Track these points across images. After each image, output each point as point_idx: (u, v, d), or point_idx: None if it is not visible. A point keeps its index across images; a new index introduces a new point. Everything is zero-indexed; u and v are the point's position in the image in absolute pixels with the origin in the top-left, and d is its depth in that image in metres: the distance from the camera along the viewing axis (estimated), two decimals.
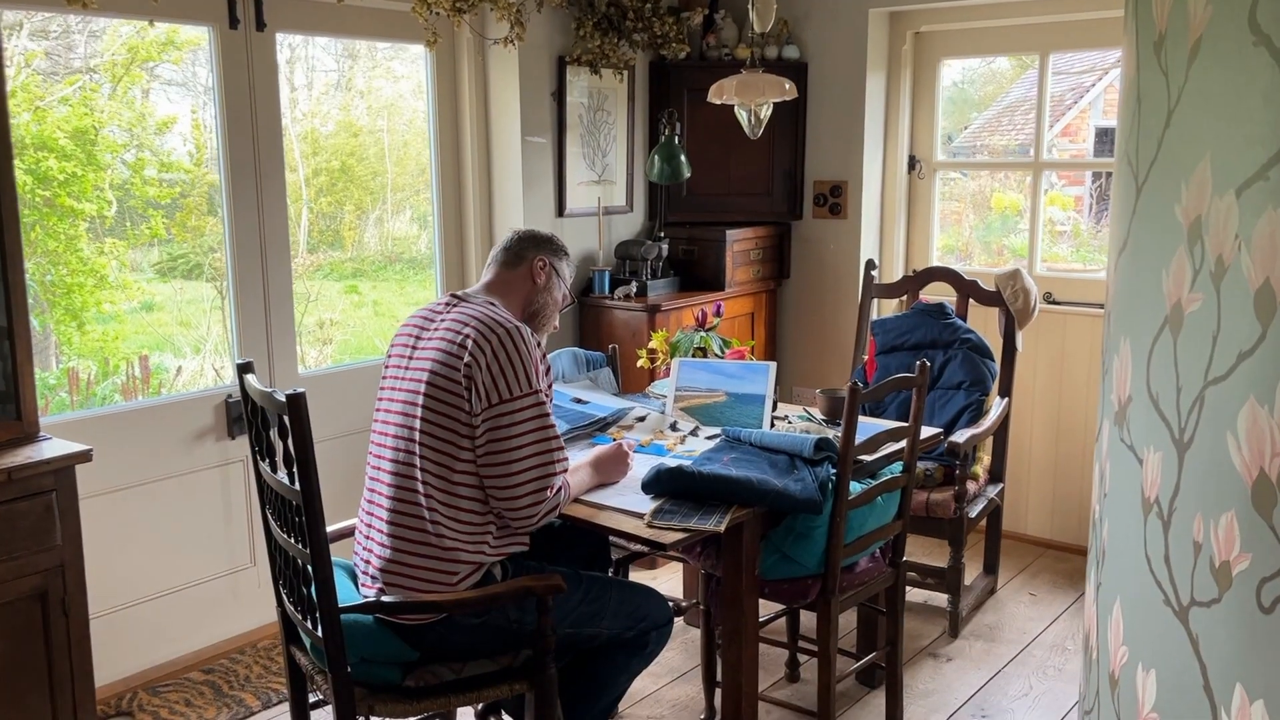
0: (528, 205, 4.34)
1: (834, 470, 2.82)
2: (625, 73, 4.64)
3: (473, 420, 2.44)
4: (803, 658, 3.58)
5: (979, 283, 4.13)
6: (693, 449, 3.10)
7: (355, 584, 2.64)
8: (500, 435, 2.43)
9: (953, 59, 4.85)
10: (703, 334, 3.68)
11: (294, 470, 2.27)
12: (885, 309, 4.85)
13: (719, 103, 3.54)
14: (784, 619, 3.50)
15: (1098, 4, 4.24)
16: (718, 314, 3.76)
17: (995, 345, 4.07)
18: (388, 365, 2.67)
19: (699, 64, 4.80)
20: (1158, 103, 1.36)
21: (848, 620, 3.51)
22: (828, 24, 4.74)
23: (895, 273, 4.93)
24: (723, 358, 3.63)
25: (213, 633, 3.69)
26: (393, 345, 2.68)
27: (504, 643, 2.52)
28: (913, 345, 4.08)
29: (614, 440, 3.16)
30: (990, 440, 4.03)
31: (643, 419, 3.36)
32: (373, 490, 2.61)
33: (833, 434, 3.02)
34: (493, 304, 2.60)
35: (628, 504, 2.65)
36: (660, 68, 4.80)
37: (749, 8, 3.38)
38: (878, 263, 4.40)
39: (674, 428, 3.30)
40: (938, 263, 4.95)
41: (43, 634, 2.63)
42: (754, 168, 4.87)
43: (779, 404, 3.51)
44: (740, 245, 4.74)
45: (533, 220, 4.35)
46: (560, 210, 4.49)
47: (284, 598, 2.59)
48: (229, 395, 3.66)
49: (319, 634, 2.33)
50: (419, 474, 2.47)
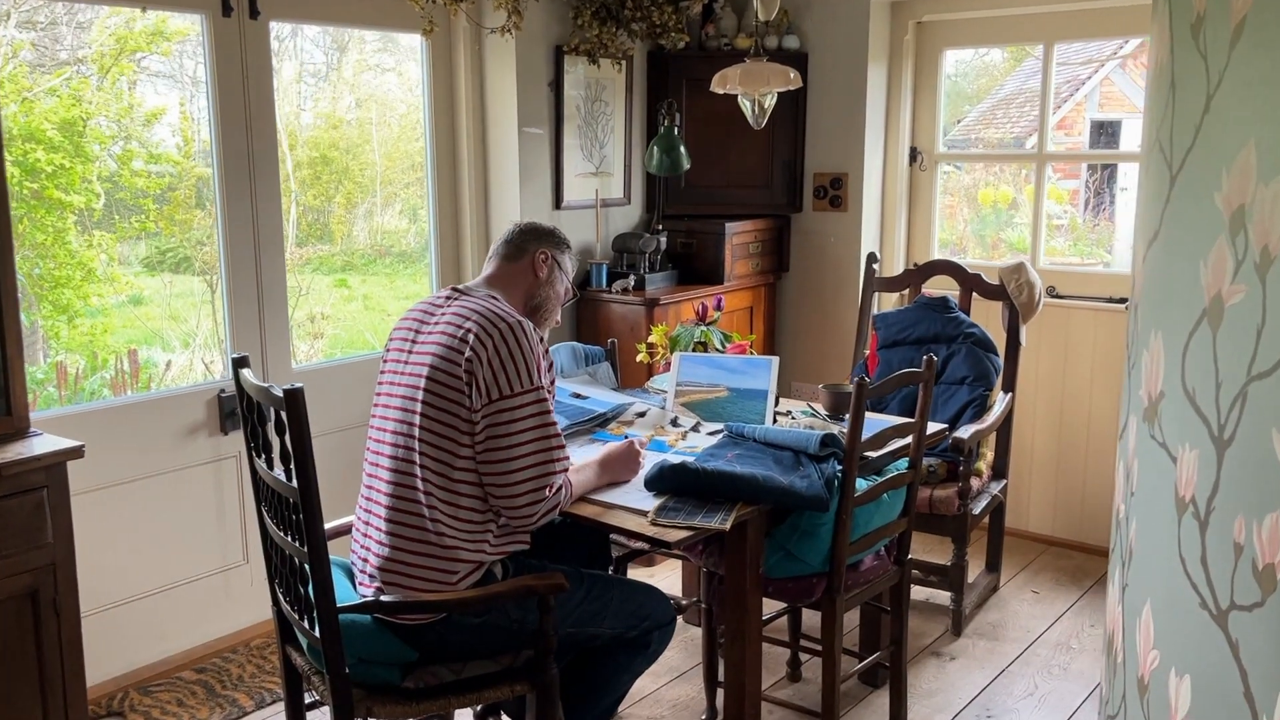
0: (524, 197, 4.28)
1: (840, 467, 2.77)
2: (623, 63, 4.57)
3: (473, 416, 2.38)
4: (804, 656, 3.52)
5: (982, 276, 4.08)
6: (694, 445, 3.04)
7: (352, 582, 2.58)
8: (500, 432, 2.38)
9: (955, 49, 4.79)
10: (703, 328, 3.63)
11: (291, 467, 2.21)
12: (886, 303, 4.80)
13: (722, 92, 3.48)
14: (785, 617, 3.45)
15: None
16: (718, 308, 3.70)
17: (998, 339, 4.02)
18: (386, 359, 2.61)
19: (698, 54, 4.74)
20: (1195, 87, 1.31)
21: (850, 619, 3.46)
22: (828, 13, 4.69)
23: (896, 266, 4.88)
24: (724, 352, 3.57)
25: (205, 631, 3.63)
26: (391, 339, 2.62)
27: (505, 643, 2.47)
28: (915, 340, 4.02)
29: (615, 436, 3.11)
30: (993, 436, 3.99)
31: (643, 414, 3.31)
32: (371, 487, 2.55)
33: (837, 430, 2.97)
34: (494, 298, 2.54)
35: (630, 501, 2.59)
36: (659, 58, 4.74)
37: None
38: (879, 256, 4.35)
39: (675, 423, 3.25)
40: (938, 256, 4.90)
41: (33, 633, 2.57)
42: (753, 159, 4.81)
43: (780, 399, 3.46)
44: (739, 238, 4.69)
45: (529, 213, 4.29)
46: (557, 202, 4.43)
47: (280, 597, 2.52)
48: (221, 390, 3.60)
49: (316, 634, 2.28)
50: (418, 471, 2.41)
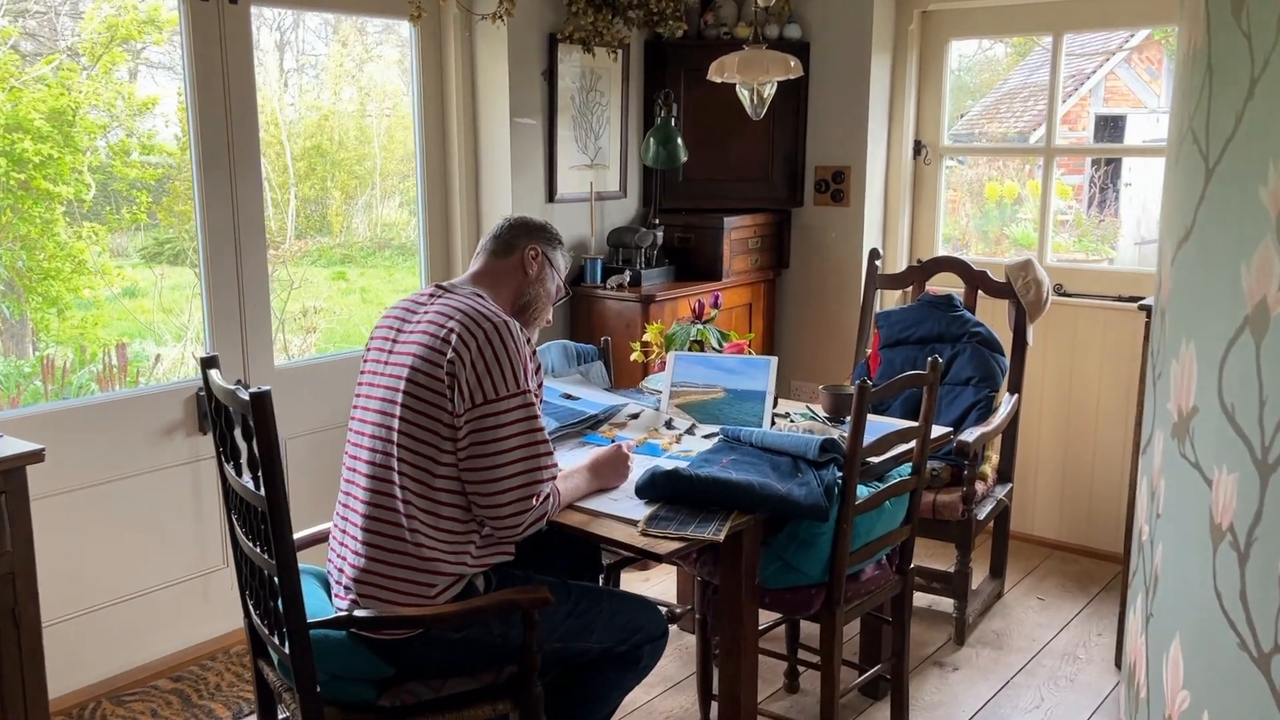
0: (517, 190, 4.15)
1: (840, 473, 2.65)
2: (619, 52, 4.44)
3: (455, 421, 2.26)
4: (803, 667, 3.40)
5: (988, 273, 3.95)
6: (689, 449, 2.92)
7: (329, 593, 2.46)
8: (484, 438, 2.25)
9: (961, 39, 4.65)
10: (700, 326, 3.50)
11: (259, 475, 2.08)
12: (889, 300, 4.67)
13: (719, 81, 3.35)
14: (783, 625, 3.33)
15: None
16: (715, 305, 3.57)
17: (1004, 339, 3.89)
18: (366, 359, 2.49)
19: (697, 43, 4.61)
20: (1236, 71, 1.18)
21: (850, 628, 3.34)
22: (831, 2, 4.55)
23: (899, 262, 4.75)
24: (721, 352, 3.45)
25: (182, 638, 3.51)
26: (372, 338, 2.50)
27: (487, 659, 2.35)
28: (919, 339, 3.90)
29: (606, 439, 2.99)
30: (999, 438, 3.86)
31: (636, 416, 3.18)
32: (347, 494, 2.43)
33: (838, 434, 2.85)
34: (480, 296, 2.42)
35: (620, 510, 2.47)
36: (656, 47, 4.61)
37: None
38: (881, 252, 4.22)
39: (669, 426, 3.12)
40: (942, 252, 4.77)
41: None
42: (753, 152, 4.68)
43: (779, 400, 3.33)
44: (738, 233, 4.56)
45: (522, 206, 4.16)
46: (551, 195, 4.30)
47: (250, 609, 2.40)
48: (199, 389, 3.47)
49: (286, 650, 2.16)
50: (396, 478, 2.29)
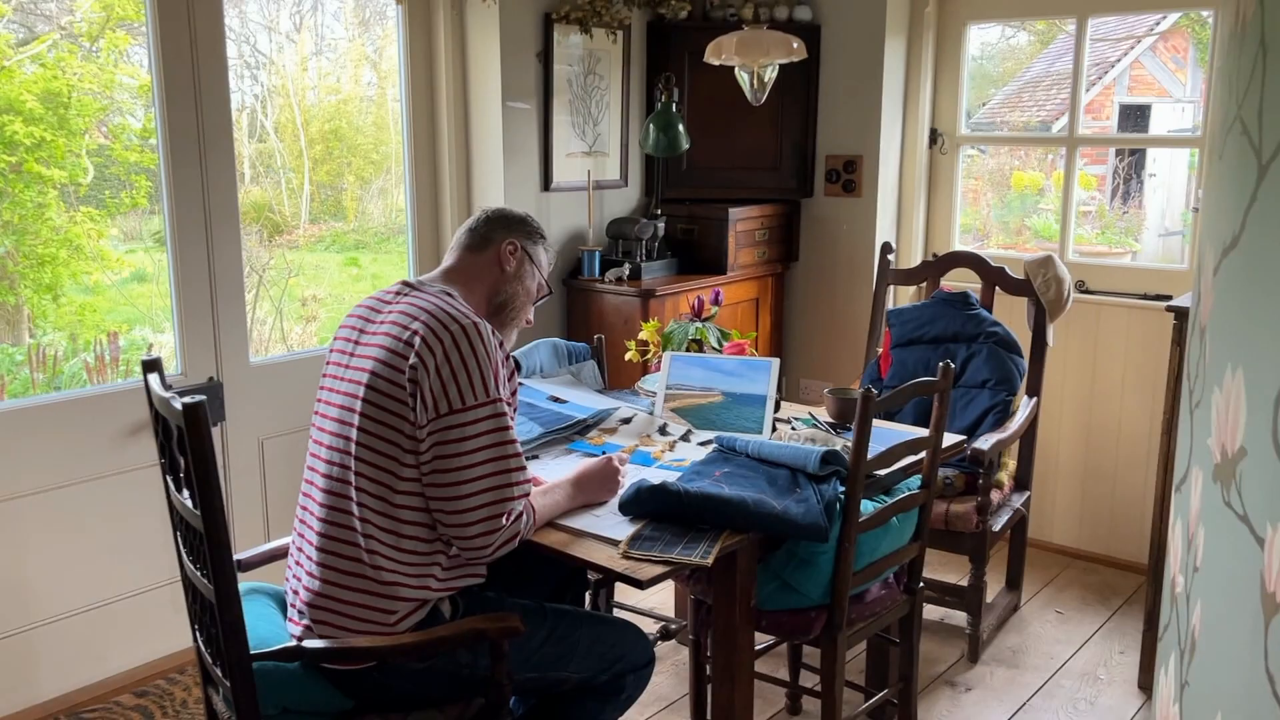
0: (510, 178, 3.95)
1: (842, 488, 2.44)
2: (619, 33, 4.23)
3: (417, 433, 2.07)
4: (806, 694, 3.20)
5: (1006, 270, 3.73)
6: (683, 457, 2.73)
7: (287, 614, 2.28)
8: (448, 451, 2.06)
9: (980, 23, 4.42)
10: (698, 324, 3.30)
11: (195, 492, 1.90)
12: (902, 297, 4.46)
13: (717, 63, 3.14)
14: (785, 643, 3.13)
15: None
16: (715, 302, 3.37)
17: (1022, 339, 3.67)
18: (329, 362, 2.30)
19: (701, 24, 4.39)
20: None
21: (856, 648, 3.14)
22: None
23: (913, 257, 4.53)
24: (720, 352, 3.25)
25: (149, 650, 3.33)
26: (335, 339, 2.31)
27: (454, 690, 2.16)
28: (932, 338, 3.68)
29: (595, 446, 2.79)
30: (1016, 444, 3.65)
31: (628, 421, 2.98)
32: (304, 508, 2.24)
33: (841, 444, 2.64)
34: (449, 294, 2.22)
35: (602, 528, 2.27)
36: (659, 28, 4.39)
37: None
38: (894, 246, 4.00)
39: (663, 431, 2.92)
40: (959, 246, 4.55)
41: None
42: (760, 140, 4.47)
43: (781, 403, 3.13)
44: (744, 225, 4.35)
45: (515, 195, 3.96)
46: (546, 184, 4.10)
47: (196, 634, 2.22)
48: (168, 386, 3.28)
49: (229, 684, 1.97)
50: (354, 494, 2.10)
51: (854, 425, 2.42)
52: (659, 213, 4.30)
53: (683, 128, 4.08)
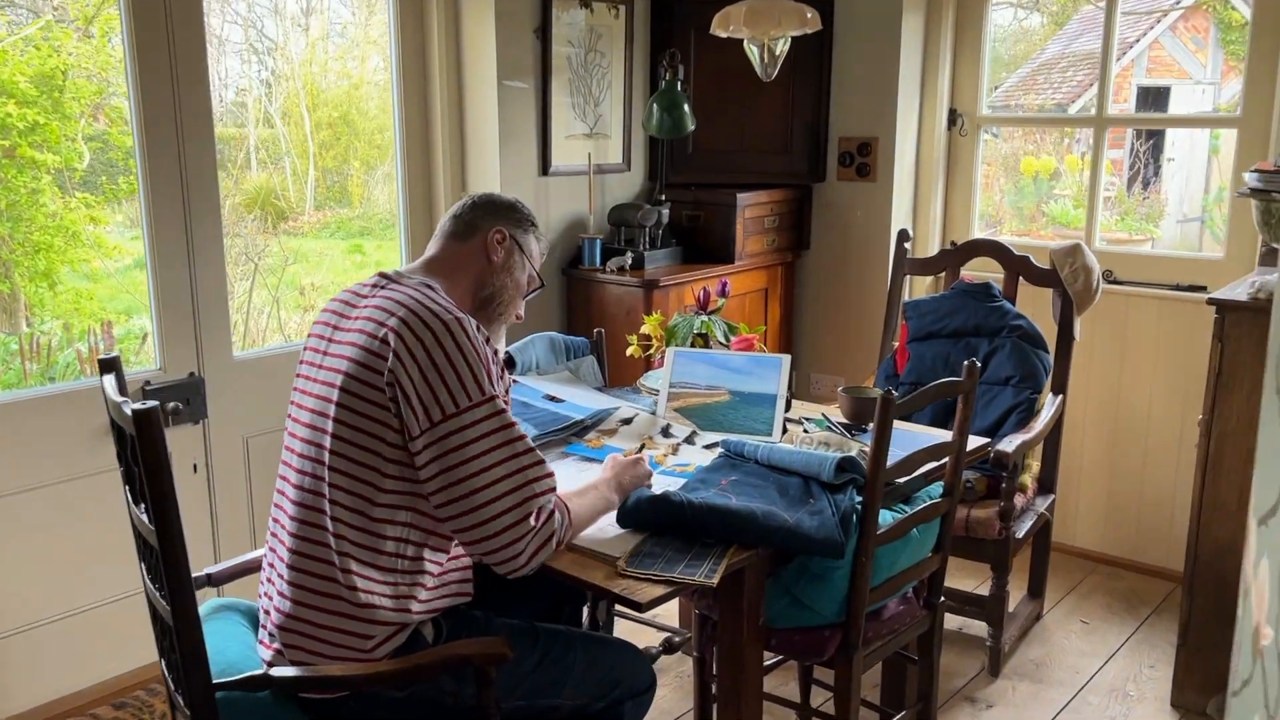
0: (506, 162, 3.76)
1: (860, 498, 2.26)
2: (622, 8, 4.03)
3: (410, 445, 1.88)
4: (816, 717, 3.02)
5: (1031, 259, 3.53)
6: (687, 462, 2.54)
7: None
8: (453, 461, 1.87)
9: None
10: (704, 318, 3.11)
11: (149, 508, 1.72)
12: (917, 287, 4.27)
13: (725, 35, 2.93)
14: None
15: None
16: (723, 294, 3.18)
17: (1047, 333, 3.47)
18: (302, 361, 2.11)
19: None
20: None
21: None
22: None
23: (930, 245, 4.33)
24: (727, 347, 3.06)
25: (128, 659, 3.16)
26: (310, 335, 2.12)
27: (437, 719, 1.98)
28: (952, 332, 3.49)
29: (593, 449, 2.61)
30: (1040, 445, 3.45)
31: (629, 421, 2.80)
32: (276, 521, 2.06)
33: (858, 449, 2.45)
34: (429, 287, 2.03)
35: (598, 542, 2.09)
36: (663, 3, 4.19)
37: None
38: (911, 233, 3.80)
39: (666, 433, 2.74)
40: (978, 233, 4.35)
41: None
42: (770, 121, 4.27)
43: (792, 402, 2.94)
44: (753, 211, 4.15)
45: (512, 179, 3.77)
46: (544, 168, 3.91)
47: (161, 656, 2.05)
48: (146, 382, 3.11)
49: (189, 713, 1.80)
50: (328, 507, 1.92)
51: (872, 429, 2.23)
52: (663, 198, 4.11)
53: (688, 108, 3.89)
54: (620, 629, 3.09)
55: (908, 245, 3.77)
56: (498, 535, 1.88)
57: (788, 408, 2.81)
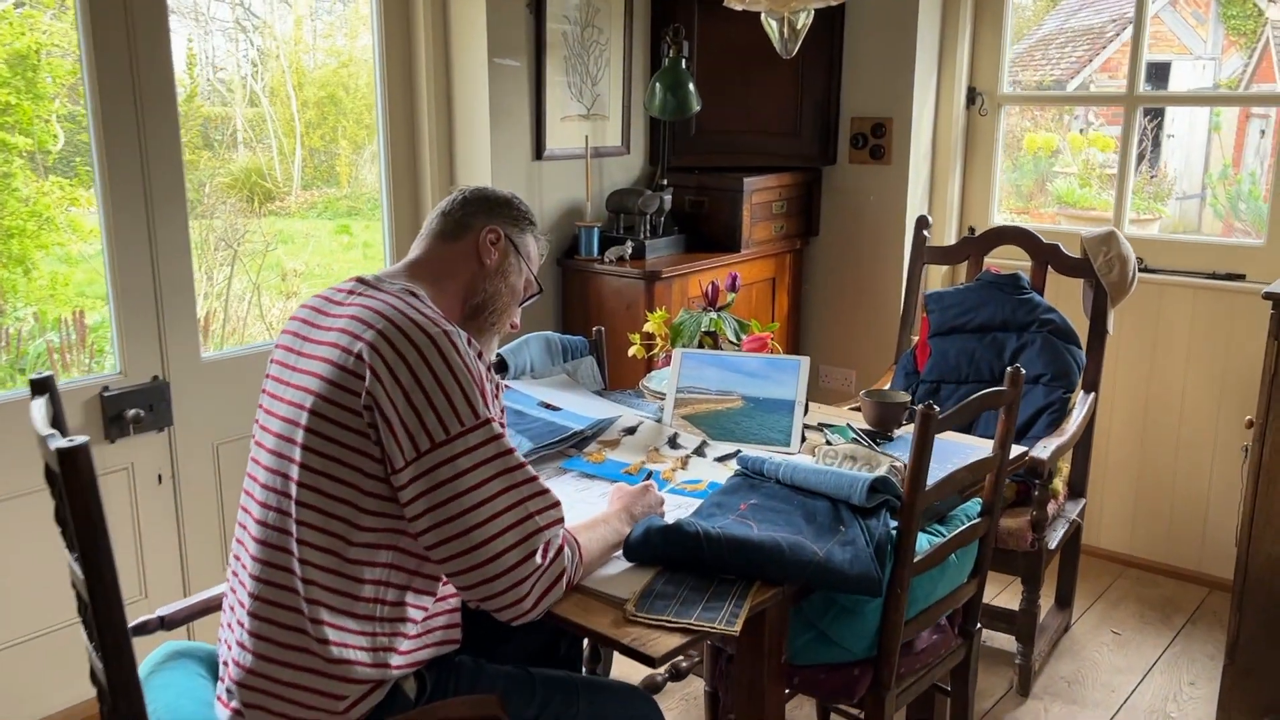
0: (497, 145, 3.50)
1: (895, 523, 2.02)
2: None
3: (392, 478, 1.64)
4: None
5: (1061, 248, 3.29)
6: (698, 478, 2.30)
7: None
8: (444, 496, 1.62)
9: None
10: (713, 315, 2.86)
11: (81, 559, 1.48)
12: (933, 276, 4.02)
13: (740, 8, 2.67)
14: None
15: None
16: (732, 288, 2.93)
17: (1079, 326, 3.23)
18: (268, 376, 1.86)
19: None
20: None
21: None
22: None
23: (947, 231, 4.08)
24: (738, 346, 2.81)
25: (86, 688, 2.91)
26: (277, 347, 1.87)
27: None
28: (977, 326, 3.25)
29: (593, 464, 2.37)
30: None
31: (632, 431, 2.55)
32: (237, 558, 1.82)
33: (888, 465, 2.21)
34: (413, 294, 1.78)
35: (602, 580, 1.85)
36: None
37: None
38: (931, 219, 3.56)
39: (674, 444, 2.50)
40: (998, 219, 4.11)
41: None
42: (779, 101, 4.01)
43: (810, 405, 2.70)
44: (760, 196, 3.90)
45: (504, 165, 3.52)
46: (538, 152, 3.65)
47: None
48: (105, 387, 2.86)
49: None
50: (295, 547, 1.67)
51: (911, 449, 1.99)
52: (665, 183, 3.86)
53: (692, 87, 3.63)
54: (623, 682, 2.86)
55: (926, 233, 3.53)
56: (500, 577, 1.64)
57: (805, 411, 2.58)
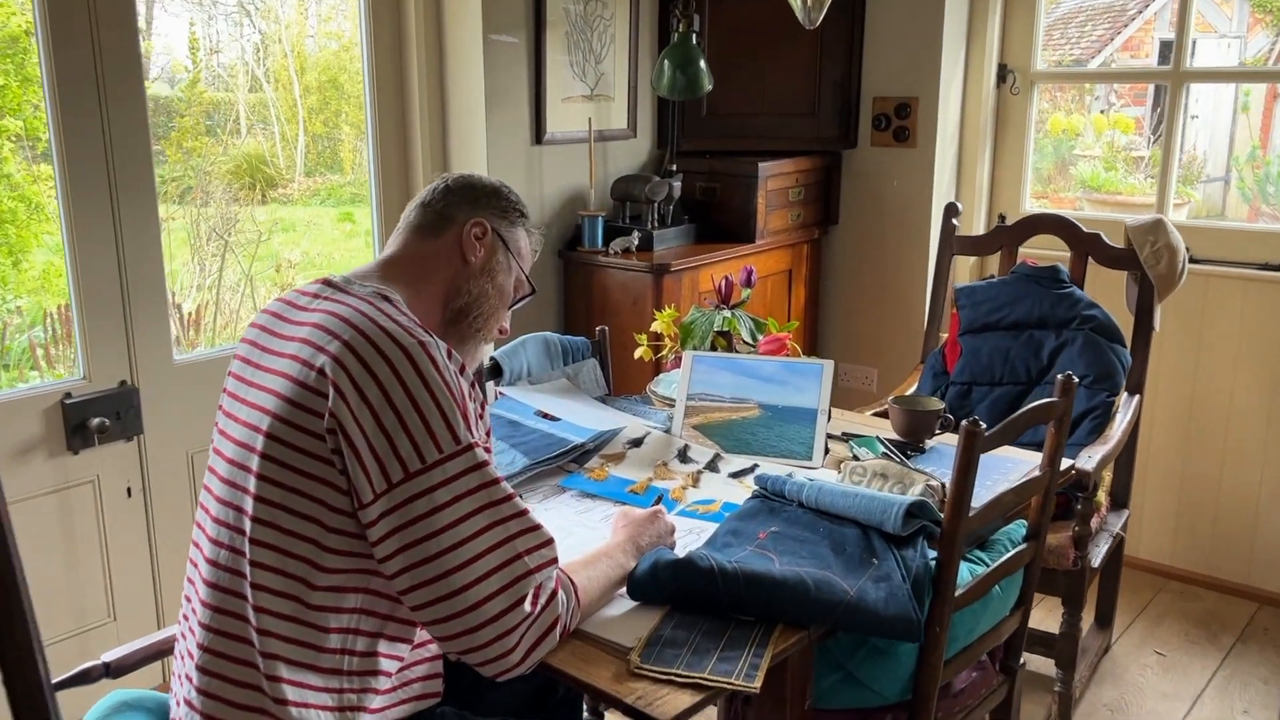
0: (493, 128, 3.27)
1: (934, 554, 1.79)
2: None
3: (360, 513, 1.41)
4: None
5: (1102, 237, 3.04)
6: (711, 498, 2.08)
7: None
8: (419, 534, 1.40)
9: None
10: (726, 313, 2.63)
11: None
12: (961, 268, 3.78)
13: None
14: None
15: None
16: (747, 284, 2.70)
17: (1123, 323, 2.99)
18: (225, 390, 1.64)
19: None
20: None
21: None
22: None
23: (975, 218, 3.84)
24: (754, 348, 2.58)
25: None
26: (235, 358, 1.64)
27: None
28: (1013, 323, 3.01)
29: (594, 482, 2.15)
30: None
31: (638, 443, 2.32)
32: (189, 600, 1.59)
33: (923, 485, 1.97)
34: (385, 298, 1.55)
35: (602, 624, 1.62)
36: None
37: None
38: (960, 206, 3.31)
39: (684, 457, 2.27)
40: (1029, 206, 3.86)
41: None
42: (796, 80, 3.77)
43: (832, 412, 2.47)
44: (776, 182, 3.66)
45: (500, 149, 3.28)
46: (538, 135, 3.41)
47: None
48: (67, 394, 2.64)
49: None
50: (248, 593, 1.45)
51: (953, 470, 1.75)
52: (674, 169, 3.63)
53: (703, 65, 3.39)
54: None
55: (956, 221, 3.28)
56: (483, 627, 1.41)
57: (828, 418, 2.34)
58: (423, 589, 1.41)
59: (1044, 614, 3.20)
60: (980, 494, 1.86)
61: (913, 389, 3.17)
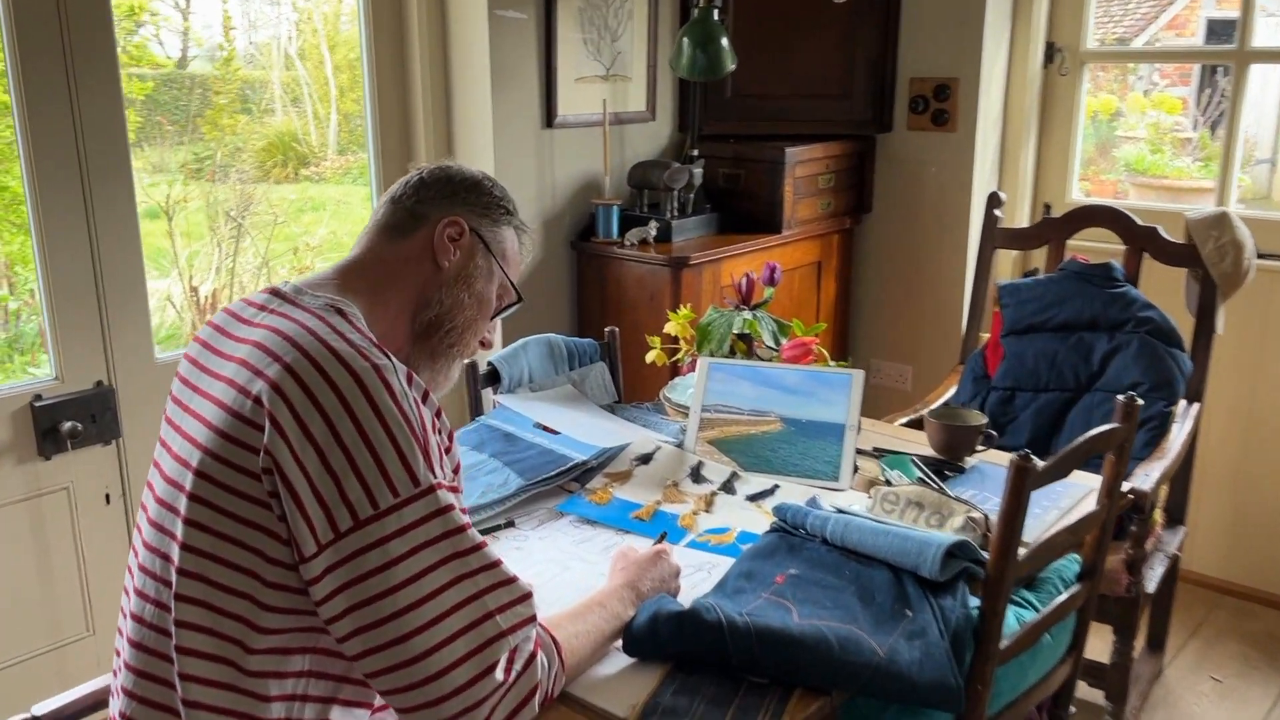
0: (500, 111, 3.06)
1: (977, 602, 1.57)
2: None
3: (302, 568, 1.21)
4: None
5: (1160, 231, 2.79)
6: (726, 526, 1.87)
7: None
8: (373, 591, 1.19)
9: None
10: (747, 314, 2.41)
11: None
12: (1003, 262, 3.54)
13: None
14: None
15: None
16: (770, 282, 2.47)
17: (1181, 325, 2.74)
18: (164, 416, 1.43)
19: None
20: None
21: None
22: None
23: (1019, 209, 3.59)
24: (777, 353, 2.36)
25: None
26: (176, 376, 1.44)
27: None
28: (1060, 324, 2.76)
29: (596, 506, 1.94)
30: None
31: (647, 460, 2.11)
32: (118, 653, 1.39)
33: (963, 517, 1.75)
34: (339, 312, 1.34)
35: (591, 687, 1.42)
36: None
37: None
38: (1004, 196, 3.06)
39: (697, 476, 2.05)
40: (1077, 196, 3.60)
41: None
42: (827, 59, 3.54)
43: (863, 423, 2.25)
44: (805, 168, 3.43)
45: (508, 133, 3.07)
46: (549, 118, 3.20)
47: None
48: (36, 396, 2.46)
49: None
50: (175, 658, 1.25)
51: (1001, 510, 1.53)
52: (695, 154, 3.41)
53: (726, 43, 3.16)
54: None
55: (999, 212, 3.04)
56: (449, 699, 1.20)
57: (858, 431, 2.12)
58: (377, 654, 1.20)
59: (1093, 640, 2.96)
60: (1028, 524, 1.63)
61: (950, 392, 2.94)
